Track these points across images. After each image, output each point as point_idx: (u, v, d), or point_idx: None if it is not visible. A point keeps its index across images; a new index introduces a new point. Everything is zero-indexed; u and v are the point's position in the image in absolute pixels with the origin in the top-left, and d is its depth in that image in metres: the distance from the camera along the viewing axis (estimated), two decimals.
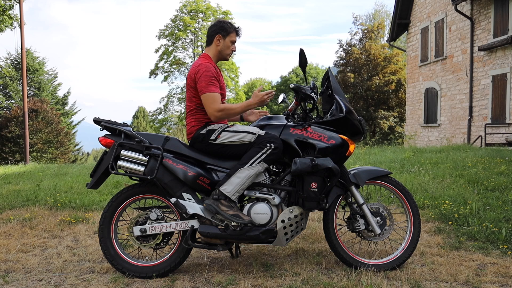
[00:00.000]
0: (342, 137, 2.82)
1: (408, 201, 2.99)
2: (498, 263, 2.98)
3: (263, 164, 2.74)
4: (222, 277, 2.78)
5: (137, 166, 2.76)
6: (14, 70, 28.37)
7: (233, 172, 2.72)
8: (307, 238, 3.68)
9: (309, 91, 2.84)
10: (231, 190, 2.69)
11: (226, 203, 2.69)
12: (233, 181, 2.70)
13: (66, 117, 30.26)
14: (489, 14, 12.92)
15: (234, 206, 2.73)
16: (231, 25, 2.98)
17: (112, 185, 5.92)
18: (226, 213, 2.67)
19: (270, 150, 2.73)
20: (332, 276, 2.79)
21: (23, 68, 15.65)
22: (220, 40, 2.95)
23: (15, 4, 16.38)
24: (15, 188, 6.19)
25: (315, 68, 47.15)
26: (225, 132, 2.82)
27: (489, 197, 4.61)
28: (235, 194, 2.70)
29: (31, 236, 3.86)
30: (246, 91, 43.38)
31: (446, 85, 15.49)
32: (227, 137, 2.81)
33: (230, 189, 2.69)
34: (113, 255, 2.86)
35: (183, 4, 30.73)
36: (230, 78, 32.01)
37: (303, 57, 2.79)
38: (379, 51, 27.20)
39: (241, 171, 2.71)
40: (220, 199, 2.69)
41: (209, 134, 2.83)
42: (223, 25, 2.94)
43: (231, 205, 2.70)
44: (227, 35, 2.94)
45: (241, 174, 2.70)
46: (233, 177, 2.71)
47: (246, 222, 2.69)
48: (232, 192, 2.69)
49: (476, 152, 8.39)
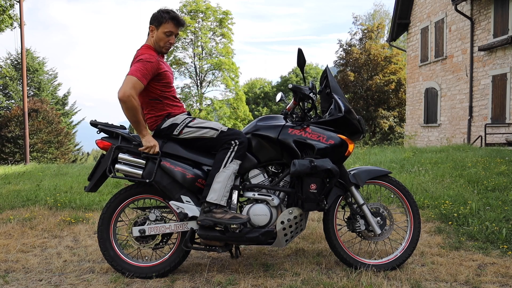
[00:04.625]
0: (341, 137, 2.82)
1: (408, 201, 2.99)
2: (498, 263, 2.98)
3: (236, 162, 2.73)
4: (222, 277, 2.78)
5: (135, 169, 2.75)
6: (14, 70, 28.38)
7: (211, 180, 2.69)
8: (307, 238, 3.67)
9: (307, 91, 2.83)
10: (218, 197, 2.66)
11: (219, 210, 2.67)
12: (215, 187, 2.67)
13: (66, 117, 30.27)
14: (489, 14, 12.91)
15: (227, 209, 2.72)
16: (167, 14, 2.74)
17: (112, 185, 5.92)
18: (224, 219, 2.65)
19: (237, 146, 2.72)
20: (332, 276, 2.79)
21: (23, 68, 15.65)
22: (153, 31, 2.76)
23: (15, 4, 16.38)
24: (15, 188, 6.19)
25: (315, 68, 47.15)
26: (187, 128, 2.79)
27: (489, 197, 4.61)
28: (222, 199, 2.68)
29: (31, 236, 3.86)
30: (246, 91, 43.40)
31: (446, 85, 15.49)
32: (189, 132, 2.78)
33: (216, 196, 2.66)
34: (113, 256, 2.85)
35: (183, 4, 30.74)
36: (230, 78, 32.01)
37: (301, 56, 2.78)
38: (379, 51, 27.21)
39: (218, 176, 2.68)
40: (211, 210, 2.67)
41: (171, 128, 2.79)
42: (156, 15, 2.75)
43: (224, 210, 2.68)
44: (159, 25, 2.74)
45: (220, 178, 2.68)
46: (214, 184, 2.68)
47: (246, 220, 2.68)
48: (219, 198, 2.67)
49: (476, 152, 8.39)
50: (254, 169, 2.88)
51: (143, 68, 2.63)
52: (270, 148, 2.84)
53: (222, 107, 32.14)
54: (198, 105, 31.92)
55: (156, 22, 2.76)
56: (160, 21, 2.75)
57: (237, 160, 2.74)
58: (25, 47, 16.03)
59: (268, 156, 2.86)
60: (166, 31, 2.76)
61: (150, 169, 2.74)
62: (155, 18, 2.77)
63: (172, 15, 2.77)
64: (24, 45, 15.48)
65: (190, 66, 32.48)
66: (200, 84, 32.77)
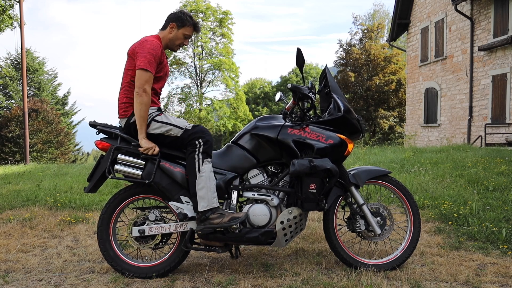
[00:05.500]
0: (340, 136, 2.81)
1: (408, 201, 2.99)
2: (498, 263, 2.98)
3: (207, 161, 2.70)
4: (222, 277, 2.78)
5: (135, 170, 2.74)
6: (14, 70, 28.38)
7: (194, 189, 2.67)
8: (307, 238, 3.67)
9: (307, 91, 2.83)
10: (208, 202, 2.64)
11: (215, 215, 2.66)
12: (201, 194, 2.64)
13: (66, 117, 30.26)
14: (489, 14, 12.91)
15: (223, 211, 2.70)
16: (190, 18, 2.89)
17: (112, 185, 5.92)
18: (222, 223, 2.64)
19: (202, 147, 2.70)
20: (332, 276, 2.79)
21: (23, 68, 15.66)
22: (174, 28, 2.86)
23: (15, 4, 16.39)
24: (15, 188, 6.19)
25: (315, 68, 47.17)
26: (154, 122, 2.76)
27: (489, 197, 4.61)
28: (212, 201, 2.66)
29: (31, 236, 3.86)
30: (246, 91, 43.40)
31: (446, 85, 15.49)
32: (155, 127, 2.76)
33: (206, 202, 2.64)
34: (113, 257, 2.85)
35: (183, 4, 30.74)
36: (230, 78, 32.01)
37: (300, 56, 2.78)
38: (379, 51, 27.22)
39: (198, 182, 2.66)
40: (207, 217, 2.65)
41: None
42: (181, 16, 2.86)
43: (220, 214, 2.67)
44: (182, 26, 2.86)
45: (201, 184, 2.65)
46: (198, 192, 2.65)
47: (244, 217, 2.67)
48: (210, 202, 2.65)
49: (476, 152, 8.39)
50: (254, 169, 2.88)
51: (153, 60, 2.70)
52: (270, 148, 2.84)
53: (222, 107, 32.15)
54: (198, 105, 31.93)
55: (180, 22, 2.86)
56: (184, 22, 2.86)
57: (207, 159, 2.71)
58: (25, 47, 16.05)
59: (267, 156, 2.86)
60: (186, 34, 2.89)
61: (150, 169, 2.73)
62: (179, 18, 2.86)
63: (195, 21, 2.92)
64: (24, 45, 15.49)
65: (190, 66, 32.51)
66: (200, 84, 32.78)
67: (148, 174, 2.72)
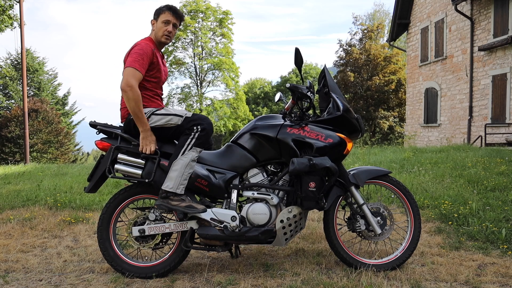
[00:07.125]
0: (339, 135, 2.82)
1: (408, 201, 2.99)
2: (498, 263, 2.98)
3: (195, 149, 2.70)
4: (222, 277, 2.78)
5: (135, 169, 2.75)
6: (14, 70, 28.37)
7: (169, 167, 2.69)
8: (307, 238, 3.67)
9: (305, 90, 2.83)
10: (174, 185, 2.65)
11: (176, 198, 2.68)
12: (172, 175, 2.66)
13: (66, 117, 30.25)
14: (489, 14, 12.91)
15: (185, 198, 2.70)
16: (165, 5, 2.91)
17: (112, 185, 5.92)
18: (179, 207, 2.66)
19: (198, 133, 2.70)
20: (332, 276, 2.79)
21: (23, 68, 15.65)
22: (154, 24, 2.90)
23: (15, 4, 16.38)
24: (15, 188, 6.19)
25: (315, 68, 47.16)
26: (153, 115, 2.78)
27: (489, 197, 4.61)
28: (179, 187, 2.67)
29: (31, 236, 3.86)
30: (246, 91, 43.40)
31: (446, 85, 15.49)
32: (155, 120, 2.77)
33: (172, 184, 2.65)
34: (113, 256, 2.85)
35: (183, 4, 30.74)
36: (230, 78, 32.01)
37: (298, 56, 2.78)
38: (379, 51, 27.20)
39: (175, 164, 2.67)
40: (168, 196, 2.67)
41: None
42: (156, 8, 2.90)
43: (181, 199, 2.68)
44: (158, 16, 2.88)
45: (177, 166, 2.67)
46: (170, 172, 2.67)
47: (201, 211, 2.67)
48: (176, 186, 2.66)
49: (476, 152, 8.39)
50: (253, 168, 2.88)
51: (140, 58, 2.70)
52: (269, 147, 2.84)
53: (222, 107, 32.13)
54: (198, 105, 31.92)
55: (156, 14, 2.91)
56: (158, 12, 2.90)
57: (197, 148, 2.71)
58: (25, 47, 16.03)
59: (267, 155, 2.86)
60: (163, 20, 2.87)
61: (150, 169, 2.74)
62: (155, 12, 2.92)
63: (169, 6, 2.91)
64: (24, 45, 15.48)
65: (190, 66, 32.50)
66: (200, 84, 32.77)
67: (148, 174, 2.73)
